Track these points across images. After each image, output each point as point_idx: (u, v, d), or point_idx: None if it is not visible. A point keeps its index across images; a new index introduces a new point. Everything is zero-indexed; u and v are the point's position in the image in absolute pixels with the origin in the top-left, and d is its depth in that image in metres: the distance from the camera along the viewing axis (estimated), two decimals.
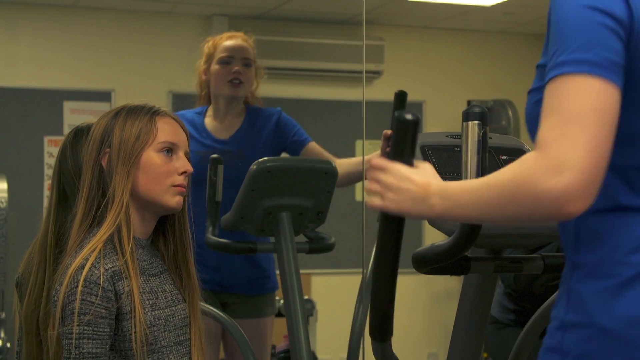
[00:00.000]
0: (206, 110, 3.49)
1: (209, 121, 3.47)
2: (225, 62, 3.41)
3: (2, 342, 4.79)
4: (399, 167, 1.56)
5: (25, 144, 6.12)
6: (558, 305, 1.46)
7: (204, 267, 3.41)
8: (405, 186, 1.54)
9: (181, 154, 2.05)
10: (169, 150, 2.03)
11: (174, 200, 2.02)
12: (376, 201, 1.58)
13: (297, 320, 2.86)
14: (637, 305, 1.37)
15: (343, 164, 3.29)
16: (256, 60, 3.49)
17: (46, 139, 6.15)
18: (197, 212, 3.32)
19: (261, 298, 3.48)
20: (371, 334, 1.82)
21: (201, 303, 3.08)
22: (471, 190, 1.44)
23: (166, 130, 2.04)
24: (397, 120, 1.60)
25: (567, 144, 1.31)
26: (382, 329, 1.78)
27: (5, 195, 5.41)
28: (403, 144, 1.59)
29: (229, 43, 3.45)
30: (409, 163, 1.57)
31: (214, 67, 3.43)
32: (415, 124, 1.59)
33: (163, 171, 2.01)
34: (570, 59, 1.36)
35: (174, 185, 2.02)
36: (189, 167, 2.05)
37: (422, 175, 1.55)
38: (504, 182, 1.38)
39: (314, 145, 3.45)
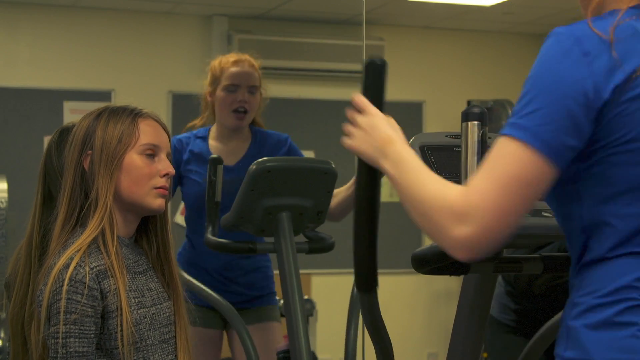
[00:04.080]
0: (209, 132, 3.43)
1: (213, 144, 3.41)
2: (230, 90, 3.36)
3: (2, 342, 4.80)
4: (376, 113, 1.65)
5: (25, 144, 6.12)
6: (559, 342, 1.48)
7: (207, 285, 3.39)
8: (372, 132, 1.63)
9: (163, 155, 2.05)
10: (151, 152, 2.03)
11: (156, 202, 2.02)
12: (347, 140, 1.67)
13: (297, 320, 2.86)
14: (630, 340, 1.39)
15: (338, 193, 3.18)
16: (261, 84, 3.44)
17: (46, 139, 6.08)
18: (197, 239, 3.31)
19: (265, 307, 3.47)
20: (357, 285, 1.83)
21: (202, 286, 3.07)
22: (408, 178, 1.54)
23: (148, 132, 2.03)
24: (366, 64, 1.69)
25: (484, 203, 1.39)
26: (368, 279, 1.80)
27: (5, 195, 5.42)
28: (373, 87, 1.68)
29: (234, 70, 3.37)
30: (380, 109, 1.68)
31: (219, 93, 3.37)
32: (383, 66, 1.69)
33: (145, 173, 2.01)
34: (522, 124, 1.41)
35: (156, 188, 2.02)
36: (171, 169, 2.04)
37: (389, 129, 1.63)
38: (427, 196, 1.47)
39: None
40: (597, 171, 1.44)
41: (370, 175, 1.70)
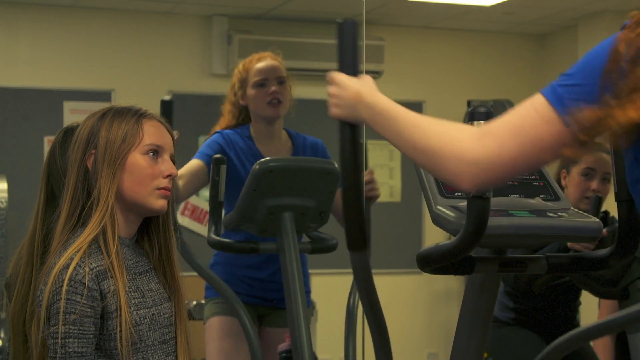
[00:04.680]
0: (249, 133, 3.44)
1: (258, 146, 3.42)
2: (260, 84, 3.39)
3: (2, 342, 4.79)
4: (340, 77, 1.81)
5: (25, 144, 6.12)
6: None
7: (248, 281, 3.37)
8: (341, 93, 1.80)
9: (166, 156, 2.05)
10: (155, 152, 2.03)
11: (158, 203, 2.03)
12: (330, 111, 1.82)
13: (299, 320, 2.87)
14: None
15: None
16: (288, 76, 3.47)
17: (46, 139, 6.14)
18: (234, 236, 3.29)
19: None
20: (350, 245, 1.91)
21: (215, 277, 3.04)
22: (399, 121, 1.67)
23: (152, 133, 2.04)
24: (338, 24, 1.87)
25: (496, 152, 1.51)
26: (360, 238, 1.89)
27: (5, 195, 5.42)
28: (344, 49, 1.86)
29: (260, 65, 3.43)
30: (353, 73, 1.82)
31: (250, 91, 3.40)
32: (354, 25, 1.86)
33: (148, 174, 2.02)
34: (555, 92, 1.49)
35: (159, 189, 2.02)
36: (174, 170, 2.05)
37: (356, 83, 1.78)
38: (432, 141, 1.60)
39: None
40: None
41: (352, 141, 1.84)
